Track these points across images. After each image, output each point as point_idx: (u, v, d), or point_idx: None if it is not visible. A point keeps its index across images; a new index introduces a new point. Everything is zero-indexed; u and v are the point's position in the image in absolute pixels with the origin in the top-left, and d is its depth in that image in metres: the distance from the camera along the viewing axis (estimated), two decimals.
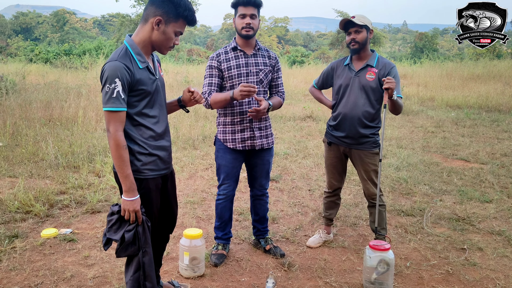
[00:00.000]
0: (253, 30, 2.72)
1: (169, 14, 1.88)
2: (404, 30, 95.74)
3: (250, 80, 2.76)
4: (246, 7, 2.67)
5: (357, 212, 3.93)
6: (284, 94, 3.00)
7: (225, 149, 2.86)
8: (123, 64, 1.83)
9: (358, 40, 2.83)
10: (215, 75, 2.76)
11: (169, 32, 1.91)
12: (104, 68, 1.84)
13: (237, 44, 2.80)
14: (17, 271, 2.72)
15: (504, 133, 7.62)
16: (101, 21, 61.85)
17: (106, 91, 1.81)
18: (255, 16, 2.71)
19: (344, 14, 26.97)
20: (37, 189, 4.04)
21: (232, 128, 2.81)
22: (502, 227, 3.57)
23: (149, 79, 1.95)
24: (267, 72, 2.83)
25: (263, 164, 2.94)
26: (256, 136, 2.82)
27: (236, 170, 2.90)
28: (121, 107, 1.84)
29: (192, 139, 6.48)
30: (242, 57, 2.78)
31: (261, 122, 2.84)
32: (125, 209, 1.90)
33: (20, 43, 35.31)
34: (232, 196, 2.96)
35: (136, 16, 28.20)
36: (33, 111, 7.35)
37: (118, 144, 1.83)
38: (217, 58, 2.78)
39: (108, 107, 1.81)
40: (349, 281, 2.71)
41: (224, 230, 3.01)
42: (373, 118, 2.91)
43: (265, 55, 2.86)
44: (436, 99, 11.58)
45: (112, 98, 1.80)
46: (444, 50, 44.16)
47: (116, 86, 1.80)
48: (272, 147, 2.97)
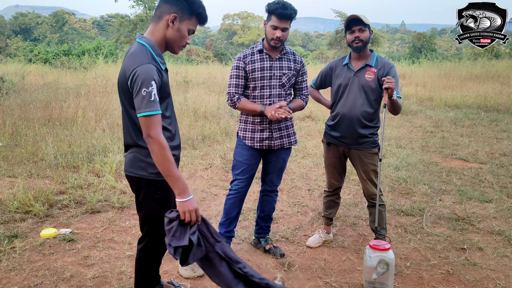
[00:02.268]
0: (282, 43, 2.73)
1: (183, 11, 1.86)
2: (402, 30, 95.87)
3: (273, 83, 2.80)
4: (280, 20, 2.65)
5: (357, 212, 3.93)
6: (308, 97, 3.00)
7: (243, 146, 2.90)
8: (155, 67, 1.80)
9: (362, 38, 2.82)
10: (241, 76, 2.80)
11: (183, 30, 1.89)
12: (137, 71, 1.76)
13: (264, 47, 2.82)
14: (17, 271, 2.71)
15: (503, 133, 7.63)
16: (100, 21, 61.75)
17: (143, 95, 1.74)
18: (287, 29, 2.70)
19: (343, 15, 26.99)
20: (36, 189, 4.04)
21: (252, 127, 2.86)
22: (502, 226, 3.57)
23: (168, 82, 1.95)
24: (290, 76, 2.85)
25: (277, 161, 2.97)
26: (274, 137, 2.86)
27: (252, 168, 2.92)
28: (159, 110, 1.79)
29: (192, 139, 6.48)
30: (267, 60, 2.80)
31: (280, 123, 2.88)
32: (184, 211, 1.82)
33: (19, 43, 35.26)
34: (244, 193, 2.96)
35: (135, 17, 28.20)
36: (32, 111, 7.33)
37: (164, 147, 1.77)
38: (244, 59, 2.80)
39: (149, 111, 1.74)
40: (349, 281, 2.71)
41: (228, 228, 3.00)
42: (371, 118, 2.91)
43: (291, 59, 2.87)
44: (435, 99, 11.60)
45: (151, 102, 1.75)
46: (442, 50, 44.22)
47: (153, 89, 1.75)
48: (291, 147, 2.99)
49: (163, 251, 2.19)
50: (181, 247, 1.82)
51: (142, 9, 28.78)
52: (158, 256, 2.19)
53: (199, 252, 1.88)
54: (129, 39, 27.72)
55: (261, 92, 2.80)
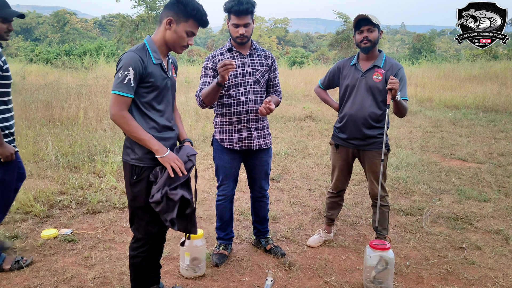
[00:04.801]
0: (247, 38, 2.70)
1: (179, 14, 2.02)
2: (402, 32, 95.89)
3: (247, 80, 2.76)
4: (239, 17, 2.62)
5: (357, 211, 3.94)
6: (281, 93, 3.00)
7: (222, 150, 2.86)
8: (138, 56, 1.98)
9: (371, 38, 2.79)
10: (210, 75, 2.74)
11: (180, 31, 2.04)
12: (122, 57, 2.00)
13: (232, 46, 2.79)
14: (17, 272, 2.72)
15: (501, 133, 7.64)
16: (102, 21, 61.76)
17: (119, 77, 1.95)
18: (249, 24, 2.67)
19: (344, 16, 27.03)
20: (37, 190, 4.05)
21: (229, 128, 2.81)
22: (500, 226, 3.59)
23: (161, 75, 2.08)
24: (263, 72, 2.82)
25: (261, 165, 2.94)
26: (253, 136, 2.81)
27: (235, 170, 2.90)
28: (128, 93, 1.96)
29: (193, 139, 6.48)
30: (238, 57, 2.77)
31: (258, 122, 2.83)
32: (169, 163, 2.01)
33: (20, 43, 35.30)
34: (232, 196, 2.96)
35: (136, 17, 28.20)
36: (33, 111, 7.35)
37: (126, 118, 1.96)
38: (213, 60, 2.76)
39: (117, 90, 1.94)
40: (349, 280, 2.72)
41: (226, 231, 3.01)
42: (379, 119, 2.88)
43: (261, 55, 2.85)
44: (434, 99, 11.61)
45: (122, 83, 1.94)
46: (442, 51, 44.26)
47: (129, 74, 1.94)
48: (270, 147, 2.96)
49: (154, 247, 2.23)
50: (174, 219, 2.03)
51: (143, 9, 28.77)
52: (150, 251, 2.21)
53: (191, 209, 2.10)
54: (131, 39, 27.72)
55: (236, 90, 2.74)
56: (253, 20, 2.71)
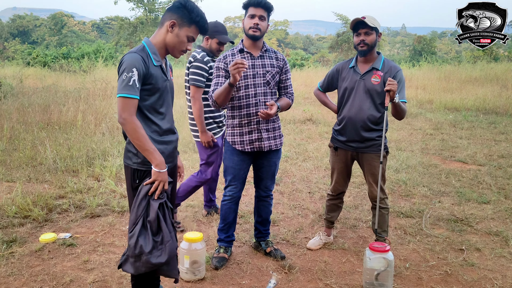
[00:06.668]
0: (260, 32, 2.71)
1: (183, 18, 2.03)
2: (403, 33, 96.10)
3: (257, 82, 2.76)
4: (256, 8, 2.67)
5: (357, 214, 3.93)
6: (293, 95, 2.98)
7: (233, 151, 2.87)
8: (140, 57, 1.96)
9: (367, 41, 2.79)
10: (222, 75, 2.76)
11: (181, 36, 2.04)
12: (123, 59, 1.97)
13: (244, 46, 2.80)
14: (15, 276, 2.71)
15: (501, 135, 7.65)
16: (100, 24, 61.85)
17: (123, 79, 1.92)
18: (264, 18, 2.71)
19: (344, 18, 27.06)
20: (35, 194, 4.04)
21: (240, 130, 2.82)
22: (499, 227, 3.58)
23: (161, 77, 2.07)
24: (274, 73, 2.82)
25: (269, 165, 2.95)
26: (264, 137, 2.82)
27: (244, 172, 2.91)
28: (135, 95, 1.94)
29: (193, 143, 6.47)
30: (249, 58, 2.77)
31: (268, 123, 2.84)
32: (157, 179, 1.99)
33: (17, 46, 35.31)
34: (238, 198, 2.96)
35: (135, 19, 28.19)
36: (31, 115, 7.34)
37: (136, 125, 1.93)
38: (224, 60, 2.78)
39: (124, 93, 1.91)
40: (349, 283, 2.71)
41: (227, 233, 3.00)
42: (378, 121, 2.87)
43: (273, 57, 2.85)
44: (435, 101, 11.62)
45: (128, 86, 1.91)
46: (442, 53, 44.33)
47: (133, 75, 1.92)
48: (280, 149, 2.97)
49: None
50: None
51: (142, 12, 28.78)
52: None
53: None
54: (129, 42, 27.70)
55: (245, 92, 2.75)
56: (268, 23, 2.76)
